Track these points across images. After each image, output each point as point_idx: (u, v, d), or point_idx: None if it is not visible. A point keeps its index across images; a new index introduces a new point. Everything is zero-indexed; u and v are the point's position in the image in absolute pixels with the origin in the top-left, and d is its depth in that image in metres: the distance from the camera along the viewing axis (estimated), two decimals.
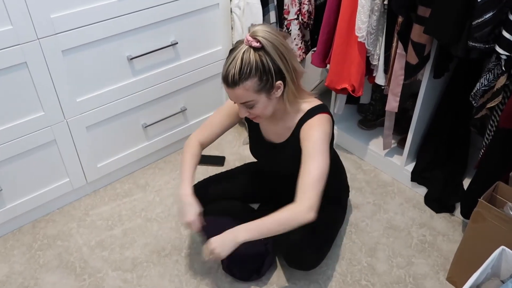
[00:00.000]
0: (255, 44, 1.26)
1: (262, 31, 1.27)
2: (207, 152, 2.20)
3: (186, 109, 2.08)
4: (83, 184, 1.91)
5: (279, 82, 1.31)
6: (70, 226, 1.83)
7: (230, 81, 1.29)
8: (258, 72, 1.27)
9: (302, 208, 1.29)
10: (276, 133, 1.51)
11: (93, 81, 1.71)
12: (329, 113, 1.44)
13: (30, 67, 1.52)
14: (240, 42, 1.31)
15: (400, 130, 2.08)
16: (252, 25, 1.32)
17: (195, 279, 1.61)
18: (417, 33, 1.53)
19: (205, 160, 2.14)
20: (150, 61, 1.84)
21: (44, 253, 1.71)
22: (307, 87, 2.16)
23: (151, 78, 1.87)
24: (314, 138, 1.37)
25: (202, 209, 1.47)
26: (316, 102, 1.45)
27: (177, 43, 1.87)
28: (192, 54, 1.97)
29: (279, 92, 1.34)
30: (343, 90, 1.86)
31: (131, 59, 1.76)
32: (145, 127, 1.97)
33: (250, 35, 1.27)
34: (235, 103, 1.38)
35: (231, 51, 1.32)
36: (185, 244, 1.74)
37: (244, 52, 1.27)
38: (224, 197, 1.72)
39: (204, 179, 1.80)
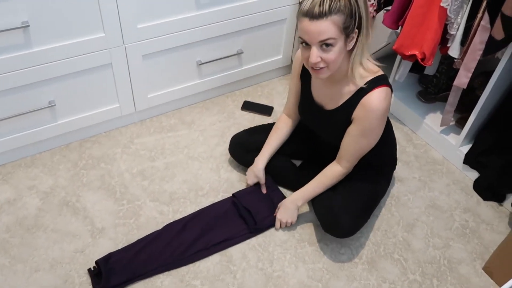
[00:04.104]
0: None
1: None
2: (257, 100, 2.16)
3: (242, 52, 2.02)
4: (132, 112, 1.92)
5: (355, 31, 1.24)
6: (115, 151, 1.86)
7: (318, 11, 1.16)
8: (346, 9, 1.19)
9: (345, 171, 1.51)
10: (328, 96, 1.44)
11: (156, 9, 1.67)
12: (390, 86, 1.35)
13: None
14: None
15: (462, 108, 1.96)
16: None
17: None
18: (510, 6, 1.38)
19: (253, 107, 2.10)
20: None
21: (87, 173, 1.76)
22: (371, 49, 2.07)
23: (213, 14, 1.81)
24: (372, 119, 1.34)
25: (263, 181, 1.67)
26: (378, 72, 1.36)
27: None
28: None
29: (351, 44, 1.26)
30: (411, 57, 1.74)
31: None
32: (200, 64, 1.93)
33: None
34: (304, 44, 1.25)
35: None
36: (223, 187, 1.74)
37: None
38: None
39: (250, 128, 1.78)
